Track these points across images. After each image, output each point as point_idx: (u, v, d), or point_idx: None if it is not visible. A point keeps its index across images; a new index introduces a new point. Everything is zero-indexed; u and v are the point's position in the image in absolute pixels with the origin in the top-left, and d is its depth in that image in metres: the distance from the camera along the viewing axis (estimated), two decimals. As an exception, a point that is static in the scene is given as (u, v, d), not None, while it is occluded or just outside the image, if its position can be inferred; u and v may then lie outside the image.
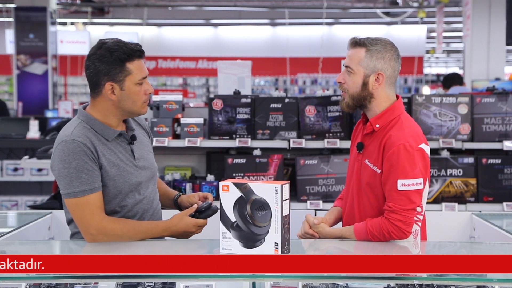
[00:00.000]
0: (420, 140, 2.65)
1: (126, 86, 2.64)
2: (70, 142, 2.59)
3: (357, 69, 2.70)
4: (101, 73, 2.62)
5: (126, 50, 2.61)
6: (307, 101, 4.36)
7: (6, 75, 17.82)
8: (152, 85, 2.80)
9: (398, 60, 2.74)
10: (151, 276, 2.19)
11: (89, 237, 2.61)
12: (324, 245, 2.73)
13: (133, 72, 2.64)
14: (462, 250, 2.81)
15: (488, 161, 4.30)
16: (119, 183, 2.67)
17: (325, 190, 4.29)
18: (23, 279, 2.17)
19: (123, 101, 2.66)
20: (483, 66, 10.95)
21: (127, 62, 2.62)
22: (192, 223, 2.70)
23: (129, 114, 2.75)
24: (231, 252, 2.33)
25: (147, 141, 2.91)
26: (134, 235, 2.64)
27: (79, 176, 2.58)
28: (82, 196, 2.58)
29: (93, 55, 2.64)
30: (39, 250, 2.65)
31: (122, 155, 2.71)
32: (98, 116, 2.69)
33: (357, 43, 2.73)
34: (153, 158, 2.89)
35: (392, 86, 2.75)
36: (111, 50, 2.61)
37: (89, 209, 2.59)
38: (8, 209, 7.40)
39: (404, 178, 2.58)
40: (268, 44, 19.27)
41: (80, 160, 2.58)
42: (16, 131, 7.92)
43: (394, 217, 2.57)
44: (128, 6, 16.13)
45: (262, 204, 2.28)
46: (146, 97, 2.70)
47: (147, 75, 2.71)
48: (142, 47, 2.71)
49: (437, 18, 14.72)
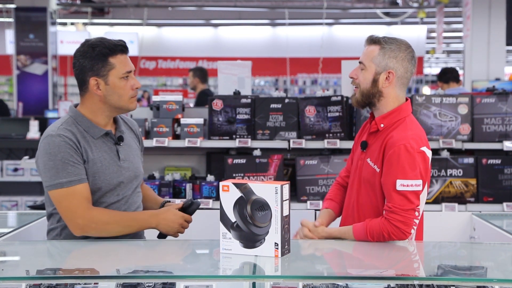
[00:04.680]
0: (422, 143, 2.65)
1: (110, 81, 2.68)
2: (56, 136, 2.63)
3: (369, 65, 2.71)
4: (85, 69, 2.68)
5: (107, 45, 2.67)
6: (307, 101, 4.36)
7: (6, 75, 17.82)
8: (152, 86, 2.82)
9: (411, 61, 2.74)
10: (151, 276, 2.19)
11: (76, 228, 2.62)
12: (324, 245, 2.73)
13: (116, 66, 2.68)
14: (462, 250, 2.81)
15: (488, 161, 4.30)
16: (98, 180, 2.68)
17: (325, 190, 4.29)
18: (23, 279, 2.17)
19: (109, 96, 2.70)
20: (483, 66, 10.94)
21: (109, 57, 2.67)
22: (179, 214, 2.72)
23: (118, 110, 2.77)
24: (231, 252, 2.33)
25: (136, 147, 2.92)
26: (122, 221, 2.66)
27: (65, 168, 2.60)
28: (69, 186, 2.60)
29: (77, 53, 2.70)
30: (39, 250, 2.65)
31: (106, 153, 2.73)
32: (87, 114, 2.73)
33: (373, 40, 2.74)
34: (139, 163, 2.89)
35: (403, 88, 2.75)
36: (93, 46, 2.67)
37: (76, 199, 2.61)
38: (8, 209, 7.40)
39: (403, 178, 2.58)
40: (268, 44, 19.27)
41: (65, 153, 2.62)
42: (16, 131, 7.92)
43: (394, 218, 2.57)
44: (128, 6, 16.13)
45: (262, 204, 2.28)
46: (133, 91, 2.74)
47: (133, 70, 2.74)
48: (125, 43, 2.75)
49: (437, 18, 14.73)
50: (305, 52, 18.13)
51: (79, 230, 2.63)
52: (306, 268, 2.35)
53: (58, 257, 2.59)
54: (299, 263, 2.38)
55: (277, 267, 2.24)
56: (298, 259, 2.40)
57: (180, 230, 2.74)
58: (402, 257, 2.58)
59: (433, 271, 2.32)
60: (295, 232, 2.83)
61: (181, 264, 2.45)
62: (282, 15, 15.96)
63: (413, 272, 2.37)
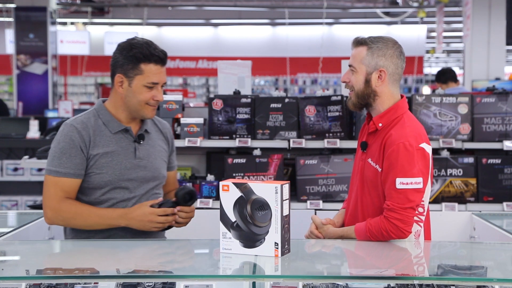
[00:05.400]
0: (421, 139, 2.65)
1: (134, 84, 2.72)
2: (68, 125, 2.72)
3: (359, 67, 2.72)
4: (117, 64, 2.74)
5: (144, 51, 2.70)
6: (307, 101, 4.36)
7: (6, 75, 17.83)
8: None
9: (400, 57, 2.74)
10: (151, 276, 2.19)
11: (46, 217, 2.74)
12: (324, 245, 2.73)
13: (144, 73, 2.71)
14: (462, 250, 2.81)
15: (488, 161, 4.30)
16: (106, 174, 2.71)
17: (325, 190, 4.29)
18: (23, 278, 2.17)
19: (128, 98, 2.74)
20: (483, 66, 10.95)
21: (142, 63, 2.70)
22: (148, 211, 2.67)
23: (134, 114, 2.78)
24: (231, 252, 2.33)
25: (162, 149, 2.91)
26: (89, 217, 2.68)
27: (60, 157, 2.69)
28: (55, 176, 2.69)
29: (119, 45, 2.77)
30: (39, 250, 2.65)
31: (122, 149, 2.75)
32: (110, 108, 2.80)
33: (359, 42, 2.76)
34: (161, 165, 2.87)
35: (396, 84, 2.75)
36: (133, 46, 2.72)
37: (54, 190, 2.68)
38: (8, 209, 7.39)
39: (402, 177, 2.58)
40: (268, 44, 19.27)
41: (67, 143, 2.68)
42: (16, 131, 7.91)
43: (393, 216, 2.57)
44: (128, 6, 16.12)
45: (262, 204, 2.28)
46: (152, 102, 2.75)
47: (161, 83, 2.75)
48: (166, 56, 2.77)
49: (437, 18, 14.72)
50: (305, 52, 18.14)
51: (47, 220, 2.74)
52: (306, 268, 2.35)
53: (58, 257, 2.59)
54: (299, 262, 2.38)
55: (277, 267, 2.24)
56: (298, 258, 2.40)
57: (152, 226, 2.67)
58: (402, 256, 2.58)
59: (433, 271, 2.32)
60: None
61: (181, 264, 2.45)
62: (282, 15, 15.97)
63: (413, 272, 2.37)
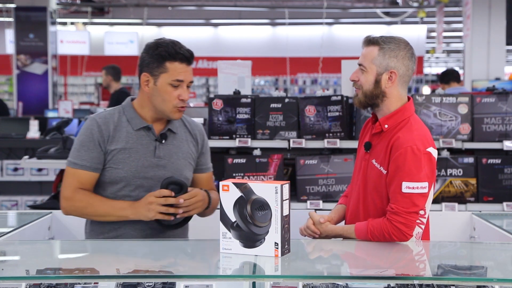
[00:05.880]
0: (428, 144, 2.63)
1: (159, 83, 2.75)
2: (92, 119, 2.79)
3: (370, 67, 2.68)
4: (144, 63, 2.78)
5: (169, 49, 2.74)
6: (307, 101, 4.36)
7: (6, 75, 17.83)
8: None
9: (412, 59, 2.71)
10: (151, 276, 2.19)
11: (62, 208, 2.80)
12: (324, 245, 2.73)
13: (169, 71, 2.73)
14: (462, 250, 2.81)
15: (488, 161, 4.29)
16: (122, 170, 2.74)
17: (325, 190, 4.29)
18: (23, 278, 2.17)
19: (154, 96, 2.77)
20: (483, 66, 10.95)
21: (167, 61, 2.74)
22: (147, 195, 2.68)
23: (160, 113, 2.80)
24: (231, 252, 2.33)
25: (189, 149, 2.89)
26: (99, 207, 2.73)
27: (79, 150, 2.76)
28: (72, 167, 2.76)
29: (146, 46, 2.82)
30: (39, 250, 2.65)
31: (142, 146, 2.78)
32: (136, 105, 2.84)
33: (371, 41, 2.71)
34: (184, 166, 2.85)
35: (405, 86, 2.72)
36: (158, 45, 2.76)
37: (71, 180, 2.76)
38: (8, 209, 7.39)
39: (409, 181, 2.56)
40: (268, 44, 19.28)
41: (87, 136, 2.76)
42: (16, 131, 7.91)
43: (396, 219, 2.56)
44: (128, 6, 16.13)
45: (262, 204, 2.28)
46: (178, 101, 2.75)
47: (187, 81, 2.76)
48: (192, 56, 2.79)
49: (437, 18, 14.74)
50: (305, 52, 18.14)
51: (62, 209, 2.80)
52: (306, 268, 2.35)
53: (58, 257, 2.59)
54: (299, 262, 2.38)
55: (277, 267, 2.24)
56: (298, 258, 2.40)
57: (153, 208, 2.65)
58: (402, 256, 2.58)
59: (433, 271, 2.32)
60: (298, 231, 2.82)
61: (181, 264, 2.45)
62: (282, 15, 15.98)
63: (413, 272, 2.37)
